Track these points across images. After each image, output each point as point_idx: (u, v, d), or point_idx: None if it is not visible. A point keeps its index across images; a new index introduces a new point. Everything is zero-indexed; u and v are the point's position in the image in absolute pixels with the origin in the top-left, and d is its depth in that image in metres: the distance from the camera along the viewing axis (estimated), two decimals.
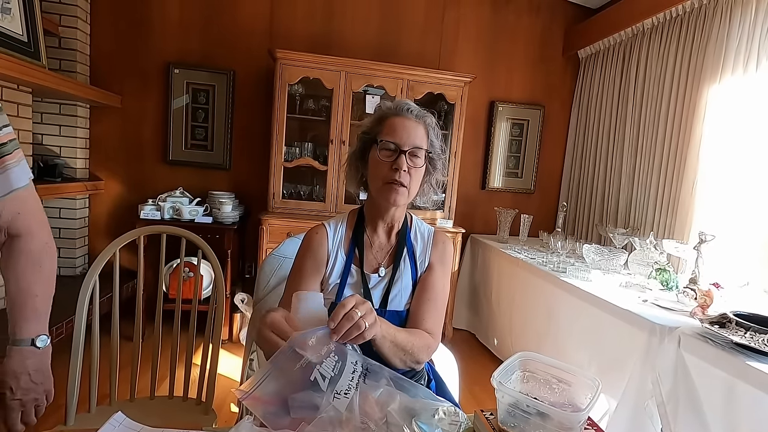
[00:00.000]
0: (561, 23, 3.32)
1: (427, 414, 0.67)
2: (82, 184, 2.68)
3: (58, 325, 2.03)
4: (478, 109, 3.29)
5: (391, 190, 0.97)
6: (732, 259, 2.00)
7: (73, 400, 1.14)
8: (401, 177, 0.96)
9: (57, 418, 1.20)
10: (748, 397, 1.26)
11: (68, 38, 2.63)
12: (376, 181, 0.99)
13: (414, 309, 1.03)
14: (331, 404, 0.60)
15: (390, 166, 0.96)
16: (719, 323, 1.43)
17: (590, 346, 1.93)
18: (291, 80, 2.69)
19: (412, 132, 0.98)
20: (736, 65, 2.08)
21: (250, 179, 3.07)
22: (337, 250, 1.04)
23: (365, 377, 0.68)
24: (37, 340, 0.86)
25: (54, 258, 0.92)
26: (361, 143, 1.04)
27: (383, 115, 1.01)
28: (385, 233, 1.07)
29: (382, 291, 1.02)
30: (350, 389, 0.64)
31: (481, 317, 3.04)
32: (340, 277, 1.02)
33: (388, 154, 0.97)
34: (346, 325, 0.70)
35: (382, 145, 0.97)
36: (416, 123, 0.99)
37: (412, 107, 1.01)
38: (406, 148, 0.96)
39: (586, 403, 0.69)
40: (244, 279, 3.11)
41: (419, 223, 1.13)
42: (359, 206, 1.11)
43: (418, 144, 0.98)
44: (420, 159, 0.99)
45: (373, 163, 1.00)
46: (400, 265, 1.04)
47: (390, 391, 0.68)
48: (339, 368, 0.66)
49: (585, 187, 3.25)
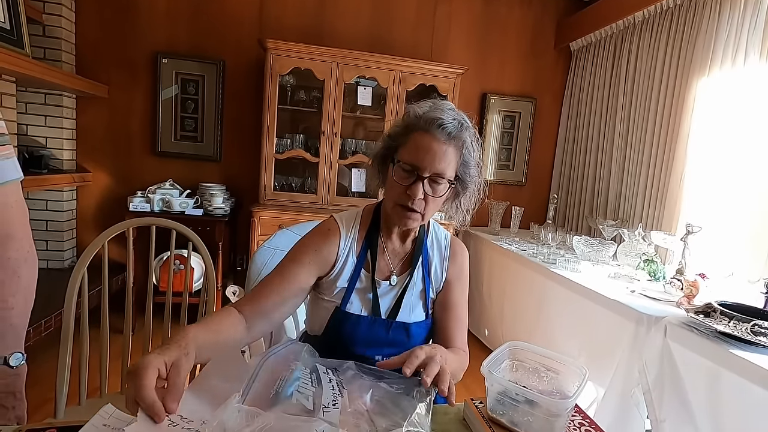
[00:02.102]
0: (553, 15, 3.32)
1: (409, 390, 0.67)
2: (69, 175, 2.63)
3: (46, 318, 2.00)
4: (470, 102, 3.28)
5: (402, 215, 0.89)
6: (718, 250, 2.04)
7: (62, 394, 1.13)
8: (414, 204, 0.86)
9: (47, 412, 1.19)
10: (731, 384, 1.30)
11: (53, 26, 2.57)
12: (388, 199, 0.91)
13: (443, 328, 1.00)
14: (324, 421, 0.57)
15: (404, 190, 0.86)
16: (704, 313, 1.45)
17: (579, 336, 1.96)
18: (282, 71, 2.66)
19: (438, 157, 0.84)
20: (725, 59, 2.10)
21: (241, 171, 3.04)
22: (348, 252, 0.96)
23: (341, 383, 0.66)
24: (11, 359, 0.77)
25: (34, 267, 0.84)
26: (384, 148, 0.93)
27: (411, 125, 0.88)
28: (400, 238, 0.99)
29: (391, 300, 0.97)
30: (336, 397, 0.62)
31: (473, 309, 3.07)
32: (348, 281, 0.95)
33: (405, 176, 0.86)
34: (435, 370, 0.69)
35: (399, 165, 0.86)
36: (446, 145, 0.85)
37: (446, 123, 0.84)
38: (425, 174, 0.85)
39: (573, 390, 0.70)
40: (235, 271, 3.10)
41: (437, 228, 1.05)
42: (376, 202, 1.02)
43: (441, 171, 0.85)
44: (442, 186, 0.87)
45: (389, 179, 0.90)
46: (414, 275, 0.98)
47: (363, 383, 0.67)
48: (315, 379, 0.63)
49: (575, 180, 3.27)
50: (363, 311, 0.96)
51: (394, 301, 0.97)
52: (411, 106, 0.91)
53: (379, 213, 0.99)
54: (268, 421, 0.54)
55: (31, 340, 1.89)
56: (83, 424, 0.64)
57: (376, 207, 1.01)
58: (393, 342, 0.97)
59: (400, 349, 0.98)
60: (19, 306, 0.80)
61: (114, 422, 0.66)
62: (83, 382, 1.18)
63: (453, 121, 0.86)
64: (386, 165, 0.93)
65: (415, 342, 0.98)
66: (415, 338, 0.98)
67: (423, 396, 0.68)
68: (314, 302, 1.02)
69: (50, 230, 2.74)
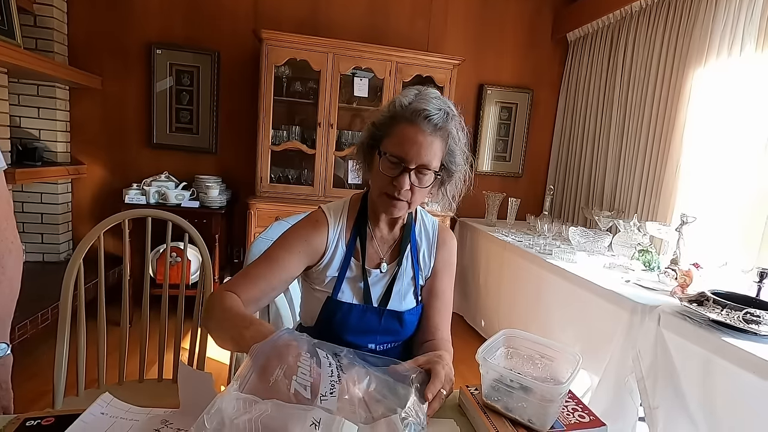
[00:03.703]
0: (550, 6, 3.30)
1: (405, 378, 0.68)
2: (63, 168, 2.61)
3: (43, 311, 2.00)
4: (467, 93, 3.27)
5: (388, 204, 0.89)
6: (712, 240, 2.05)
7: (60, 385, 1.13)
8: (401, 195, 0.87)
9: (45, 403, 1.20)
10: (724, 371, 1.31)
11: (44, 16, 2.53)
12: (375, 188, 0.91)
13: (429, 315, 1.00)
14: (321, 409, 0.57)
15: (391, 181, 0.86)
16: (697, 301, 1.47)
17: (575, 326, 1.98)
18: (277, 62, 2.64)
19: (424, 148, 0.84)
20: (721, 49, 2.10)
21: (238, 163, 3.03)
22: (337, 241, 0.96)
23: (340, 368, 0.66)
24: None
25: (19, 259, 0.83)
26: (369, 137, 0.92)
27: (397, 116, 0.87)
28: (389, 226, 1.00)
29: (382, 289, 0.98)
30: (334, 384, 0.62)
31: (470, 300, 3.09)
32: (339, 271, 0.95)
33: (391, 168, 0.86)
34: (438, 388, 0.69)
35: (386, 157, 0.87)
36: (432, 137, 0.85)
37: (431, 114, 0.84)
38: (412, 166, 0.85)
39: (567, 376, 0.71)
40: (232, 263, 3.10)
41: (425, 215, 1.06)
42: (363, 191, 1.02)
43: (426, 162, 0.85)
44: (428, 177, 0.87)
45: (375, 169, 0.90)
46: (403, 263, 0.99)
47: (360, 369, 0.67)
48: (315, 371, 0.63)
49: (572, 171, 3.28)
50: (354, 300, 0.96)
51: (385, 288, 0.98)
52: (396, 95, 0.90)
53: (366, 201, 1.00)
54: (265, 408, 0.54)
55: (28, 333, 1.90)
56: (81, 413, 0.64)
57: (363, 195, 1.02)
58: (386, 330, 0.97)
59: (394, 336, 0.99)
60: (3, 297, 0.80)
61: (112, 411, 0.67)
62: (81, 374, 1.19)
63: (439, 112, 0.85)
64: (372, 154, 0.93)
65: (408, 329, 0.99)
66: (408, 326, 0.99)
67: (417, 382, 0.69)
68: (306, 293, 1.03)
69: (45, 223, 2.72)
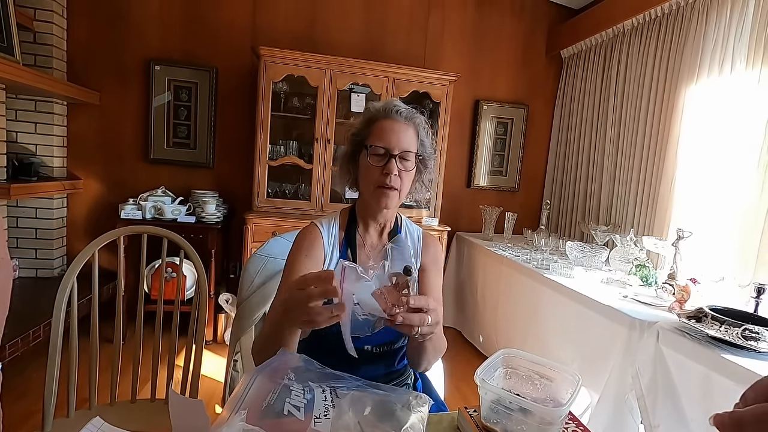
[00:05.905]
0: (544, 23, 3.36)
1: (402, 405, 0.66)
2: (59, 183, 2.60)
3: (35, 328, 1.97)
4: (463, 108, 3.31)
5: (382, 195, 0.98)
6: (708, 254, 2.06)
7: (50, 405, 1.10)
8: (392, 181, 0.96)
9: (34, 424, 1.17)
10: (723, 388, 1.30)
11: (43, 33, 2.56)
12: (367, 185, 1.00)
13: None
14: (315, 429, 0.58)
15: (381, 171, 0.97)
16: (696, 317, 1.47)
17: (573, 342, 1.96)
18: (275, 78, 2.67)
19: (402, 135, 0.97)
20: (712, 67, 2.14)
21: (234, 178, 3.03)
22: (332, 248, 1.03)
23: (335, 392, 0.67)
24: None
25: (9, 274, 0.81)
26: (351, 145, 1.04)
27: (372, 117, 1.00)
28: (377, 233, 1.08)
29: None
30: (328, 409, 0.63)
31: (467, 314, 3.07)
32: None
33: (378, 158, 0.97)
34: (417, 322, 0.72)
35: (372, 150, 0.97)
36: (405, 125, 0.99)
37: (401, 108, 1.00)
38: (396, 152, 0.96)
39: (567, 398, 0.70)
40: (228, 279, 3.07)
41: (409, 224, 1.14)
42: (350, 205, 1.11)
43: (407, 147, 0.98)
44: (410, 162, 0.99)
45: (364, 167, 1.00)
46: None
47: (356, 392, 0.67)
48: (309, 396, 0.63)
49: (568, 185, 3.30)
50: None
51: None
52: (366, 105, 1.05)
53: (355, 212, 1.08)
54: None
55: (19, 351, 1.86)
56: None
57: (351, 208, 1.10)
58: (378, 332, 0.97)
59: (387, 338, 1.01)
60: None
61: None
62: (72, 393, 1.16)
63: (406, 108, 1.01)
64: (356, 161, 1.03)
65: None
66: None
67: (417, 406, 0.68)
68: None
69: (39, 238, 2.70)
